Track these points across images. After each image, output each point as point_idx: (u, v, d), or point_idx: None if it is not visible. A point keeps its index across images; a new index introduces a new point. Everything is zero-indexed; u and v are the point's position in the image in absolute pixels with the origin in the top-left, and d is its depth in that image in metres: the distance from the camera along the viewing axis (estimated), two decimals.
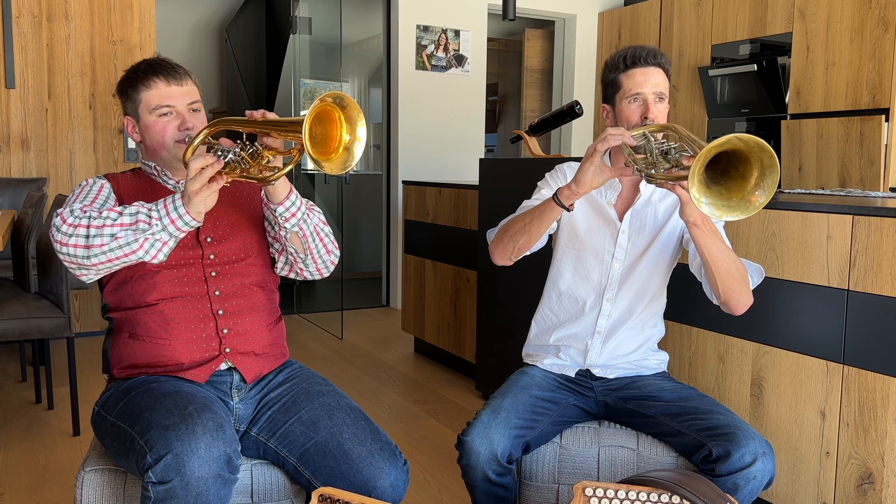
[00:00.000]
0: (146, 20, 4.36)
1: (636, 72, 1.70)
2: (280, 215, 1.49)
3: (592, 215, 1.77)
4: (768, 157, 1.25)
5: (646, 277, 1.76)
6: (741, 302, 1.61)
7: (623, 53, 1.73)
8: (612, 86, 1.75)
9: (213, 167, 1.34)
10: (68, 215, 1.39)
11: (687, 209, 1.48)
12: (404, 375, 3.74)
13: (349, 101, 1.30)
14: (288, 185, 1.48)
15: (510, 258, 1.73)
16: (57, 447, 2.74)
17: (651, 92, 1.69)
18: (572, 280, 1.80)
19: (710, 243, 1.54)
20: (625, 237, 1.75)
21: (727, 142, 1.23)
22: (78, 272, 1.43)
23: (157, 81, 1.56)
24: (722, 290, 1.59)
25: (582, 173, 1.53)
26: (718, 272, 1.57)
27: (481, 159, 3.17)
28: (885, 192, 2.83)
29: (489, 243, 1.78)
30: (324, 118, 1.30)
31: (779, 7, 4.38)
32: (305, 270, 1.63)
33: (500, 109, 7.19)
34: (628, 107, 1.70)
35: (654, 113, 1.68)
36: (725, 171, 1.31)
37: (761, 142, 1.24)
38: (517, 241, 1.68)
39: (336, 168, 1.31)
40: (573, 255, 1.79)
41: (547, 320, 1.85)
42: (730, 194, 1.30)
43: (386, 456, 1.43)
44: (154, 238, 1.37)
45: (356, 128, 1.32)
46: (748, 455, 1.46)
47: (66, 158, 4.23)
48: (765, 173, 1.27)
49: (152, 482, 1.27)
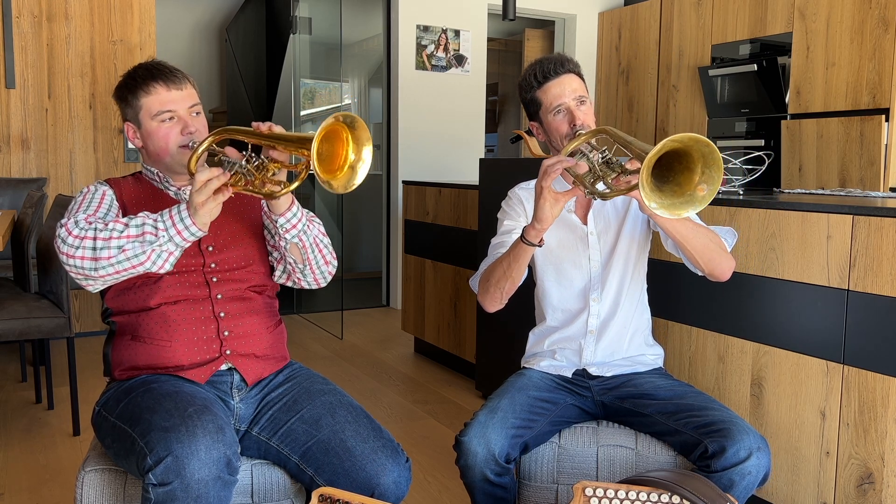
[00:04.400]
0: (146, 20, 4.37)
1: (551, 85, 1.73)
2: (281, 226, 1.50)
3: (559, 228, 1.80)
4: (705, 146, 1.27)
5: (622, 268, 1.78)
6: (724, 268, 1.63)
7: (532, 71, 1.76)
8: (532, 104, 1.78)
9: (220, 179, 1.35)
10: (73, 227, 1.39)
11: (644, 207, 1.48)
12: (404, 375, 3.74)
13: (360, 124, 1.30)
14: (290, 198, 1.49)
15: (501, 302, 1.75)
16: (57, 447, 2.74)
17: (571, 99, 1.72)
18: (559, 293, 1.82)
19: (677, 226, 1.56)
20: (594, 238, 1.78)
21: (662, 147, 1.25)
22: (84, 283, 1.43)
23: (157, 87, 1.56)
24: (703, 262, 1.61)
25: (539, 211, 1.54)
26: (694, 248, 1.59)
27: (481, 159, 3.17)
28: (885, 192, 2.83)
29: (476, 293, 1.80)
30: (331, 136, 1.30)
31: (779, 7, 4.38)
32: (303, 280, 1.63)
33: (500, 109, 7.20)
34: (555, 119, 1.73)
35: (580, 118, 1.71)
36: (670, 167, 1.33)
37: (694, 135, 1.26)
38: (502, 288, 1.69)
39: (340, 186, 1.32)
40: (553, 270, 1.82)
41: (544, 331, 1.88)
42: (682, 189, 1.32)
43: (388, 453, 1.43)
44: (161, 249, 1.38)
45: (362, 149, 1.32)
46: (743, 451, 1.47)
47: (66, 158, 4.23)
48: (707, 162, 1.29)
49: (152, 484, 1.27)
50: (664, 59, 5.24)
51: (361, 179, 1.33)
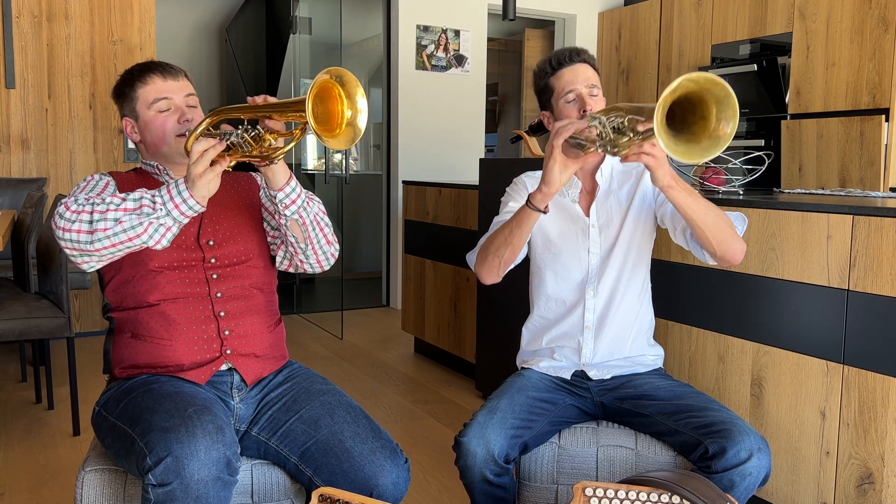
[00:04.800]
0: (146, 20, 4.36)
1: (564, 72, 1.74)
2: (280, 202, 1.48)
3: (560, 217, 1.79)
4: (720, 89, 1.24)
5: (620, 264, 1.77)
6: (736, 250, 1.61)
7: (548, 59, 1.78)
8: (545, 92, 1.79)
9: (216, 149, 1.34)
10: (72, 203, 1.39)
11: (658, 174, 1.47)
12: (404, 375, 3.74)
13: (349, 77, 1.30)
14: (287, 172, 1.48)
15: (498, 274, 1.74)
16: (57, 447, 2.74)
17: (583, 86, 1.72)
18: (555, 284, 1.81)
19: (689, 201, 1.53)
20: (595, 230, 1.78)
21: (678, 86, 1.21)
22: (80, 259, 1.42)
23: (153, 77, 1.58)
24: (715, 242, 1.58)
25: (548, 173, 1.54)
26: (706, 225, 1.56)
27: (481, 159, 3.17)
28: (885, 192, 2.83)
29: (473, 266, 1.79)
30: (325, 96, 1.30)
31: (779, 7, 4.38)
32: (306, 262, 1.62)
33: (500, 109, 7.20)
34: (566, 106, 1.74)
35: (590, 105, 1.71)
36: (684, 120, 1.29)
37: (711, 76, 1.23)
38: (501, 256, 1.69)
39: (343, 143, 1.31)
40: (551, 259, 1.81)
41: (538, 325, 1.86)
42: (697, 138, 1.28)
43: (387, 454, 1.43)
44: (158, 223, 1.37)
45: (356, 101, 1.32)
46: (744, 451, 1.46)
47: (66, 158, 4.23)
48: (722, 106, 1.25)
49: (152, 484, 1.27)
50: (664, 59, 5.24)
51: (363, 129, 1.33)
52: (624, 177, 1.81)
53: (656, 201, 1.76)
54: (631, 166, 1.80)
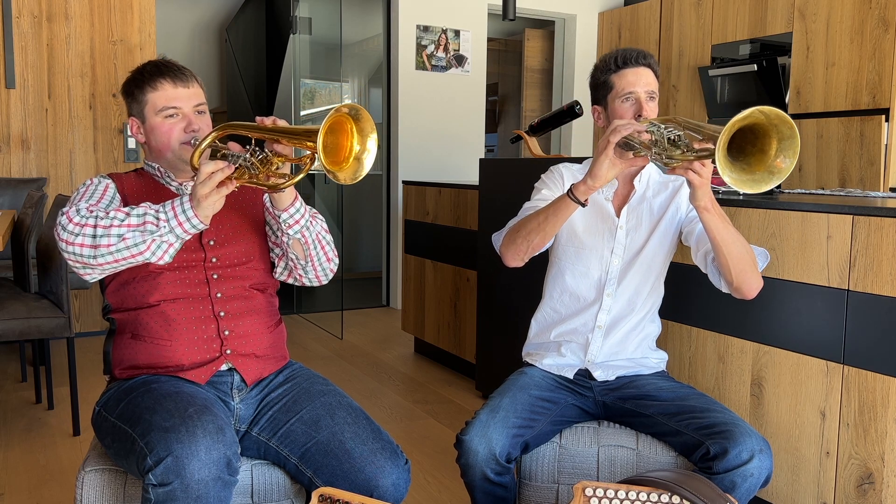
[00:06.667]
0: (146, 20, 4.36)
1: (628, 72, 1.73)
2: (284, 221, 1.50)
3: (590, 213, 1.78)
4: (788, 128, 1.24)
5: (644, 272, 1.77)
6: (753, 285, 1.61)
7: (613, 55, 1.76)
8: (603, 87, 1.77)
9: (224, 172, 1.35)
10: (74, 214, 1.39)
11: (699, 193, 1.48)
12: (404, 375, 3.74)
13: (364, 115, 1.31)
14: (293, 193, 1.49)
15: (522, 259, 1.74)
16: (57, 447, 2.74)
17: (643, 91, 1.72)
18: (573, 278, 1.80)
19: (720, 227, 1.54)
20: (623, 233, 1.77)
21: (749, 115, 1.22)
22: (82, 271, 1.43)
23: (164, 83, 1.57)
24: (735, 273, 1.59)
25: (597, 167, 1.53)
26: (731, 254, 1.57)
27: (481, 159, 3.17)
28: (885, 192, 2.83)
29: (498, 247, 1.78)
30: (336, 128, 1.30)
31: (779, 7, 4.38)
32: (304, 277, 1.63)
33: (500, 109, 7.19)
34: (621, 106, 1.73)
35: (647, 111, 1.71)
36: (742, 149, 1.29)
37: (782, 113, 1.23)
38: (531, 241, 1.68)
39: (347, 177, 1.32)
40: (573, 253, 1.80)
41: (548, 318, 1.86)
42: (752, 169, 1.28)
43: (387, 455, 1.43)
44: (161, 240, 1.38)
45: (367, 140, 1.33)
46: (745, 452, 1.46)
47: (66, 158, 4.23)
48: (784, 144, 1.26)
49: (152, 484, 1.27)
50: (664, 59, 5.24)
51: (368, 169, 1.34)
52: (660, 187, 1.80)
53: (686, 217, 1.77)
54: (669, 178, 1.80)
